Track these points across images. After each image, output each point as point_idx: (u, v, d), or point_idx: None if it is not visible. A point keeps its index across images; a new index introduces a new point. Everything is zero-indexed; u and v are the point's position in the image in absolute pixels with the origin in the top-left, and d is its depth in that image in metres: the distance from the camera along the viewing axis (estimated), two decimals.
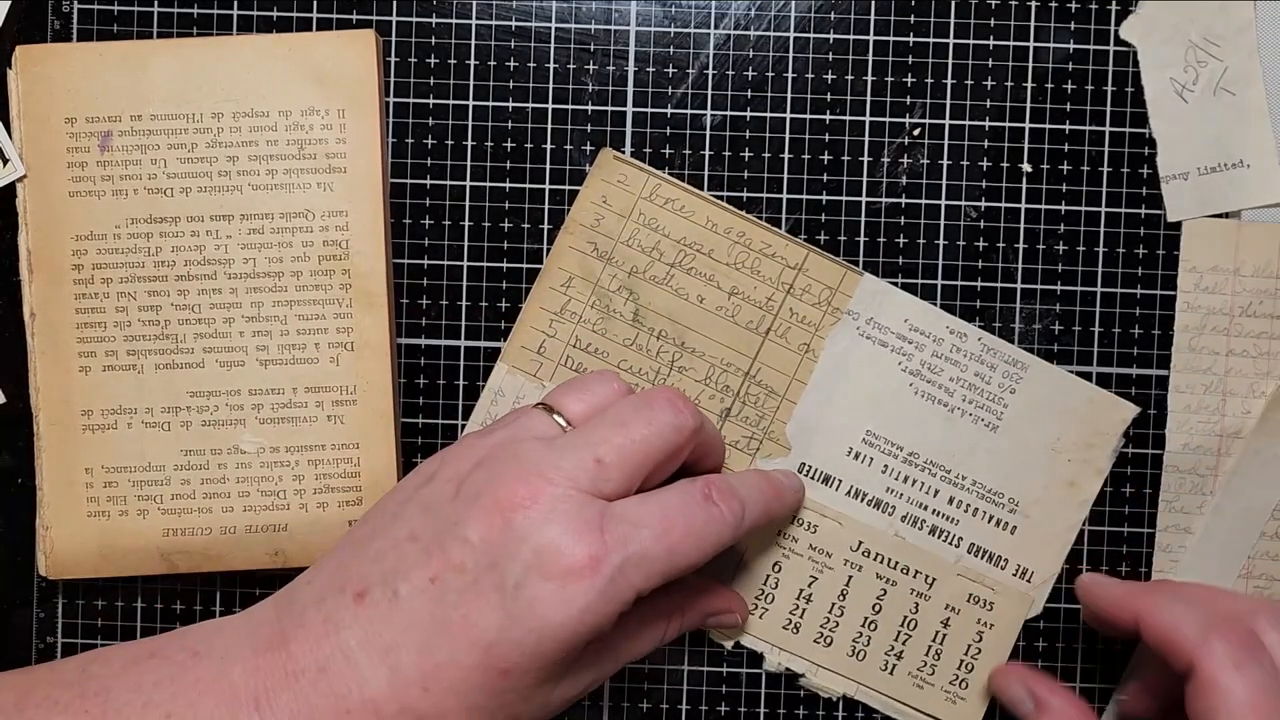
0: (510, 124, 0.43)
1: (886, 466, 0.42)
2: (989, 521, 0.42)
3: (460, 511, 0.32)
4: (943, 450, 0.42)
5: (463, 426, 0.43)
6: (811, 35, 0.43)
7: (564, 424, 0.34)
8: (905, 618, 0.42)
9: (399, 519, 0.33)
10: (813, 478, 0.42)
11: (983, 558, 0.42)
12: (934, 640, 0.42)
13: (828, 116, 0.43)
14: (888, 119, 0.43)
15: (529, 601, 0.30)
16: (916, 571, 0.42)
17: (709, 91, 0.43)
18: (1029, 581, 0.42)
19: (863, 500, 0.42)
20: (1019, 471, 0.42)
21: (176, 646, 0.33)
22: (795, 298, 0.42)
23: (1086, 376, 0.43)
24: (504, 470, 0.32)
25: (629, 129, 0.43)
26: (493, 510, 0.31)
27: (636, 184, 0.42)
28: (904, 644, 0.42)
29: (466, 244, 0.43)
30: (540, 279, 0.42)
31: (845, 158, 0.43)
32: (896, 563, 0.42)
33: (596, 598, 0.31)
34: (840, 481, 0.42)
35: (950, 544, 0.42)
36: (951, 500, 0.42)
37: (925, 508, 0.42)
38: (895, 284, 0.43)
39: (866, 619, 0.42)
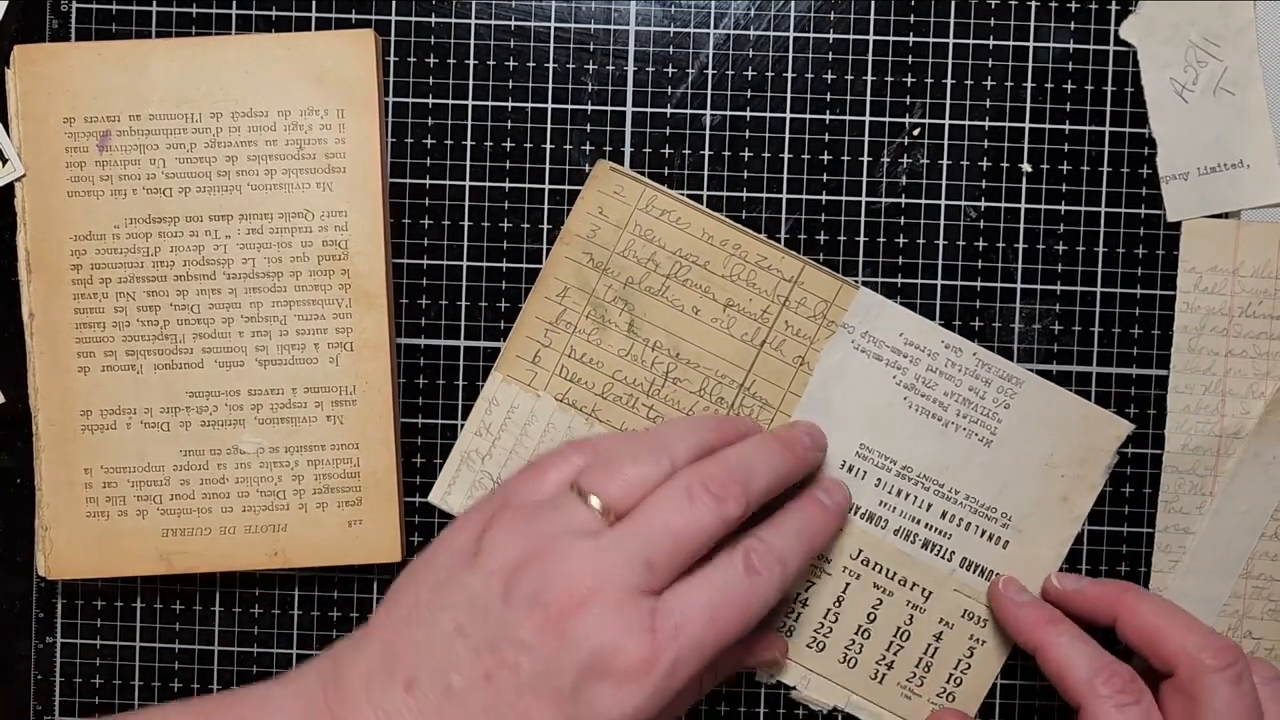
0: (510, 124, 0.43)
1: (880, 480, 0.42)
2: (982, 536, 0.42)
3: (513, 615, 0.32)
4: (936, 464, 0.42)
5: (461, 426, 0.43)
6: (811, 35, 0.43)
7: (603, 513, 0.34)
8: (899, 628, 0.42)
9: (443, 608, 0.33)
10: None
11: (975, 572, 0.42)
12: (925, 653, 0.42)
13: (828, 116, 0.43)
14: (888, 119, 0.43)
15: (587, 703, 0.31)
16: (914, 584, 0.42)
17: (709, 91, 0.43)
18: None
19: (856, 513, 0.42)
20: (1012, 486, 0.42)
21: (224, 717, 0.34)
22: (790, 310, 0.42)
23: (1086, 377, 0.43)
24: (554, 572, 0.32)
25: (629, 129, 0.43)
26: (546, 615, 0.32)
27: (633, 195, 0.42)
28: (895, 654, 0.42)
29: (466, 244, 0.43)
30: (535, 288, 0.42)
31: (845, 158, 0.43)
32: (894, 573, 0.42)
33: (652, 694, 0.32)
34: None
35: (943, 558, 0.42)
36: (944, 514, 0.42)
37: (918, 521, 0.42)
38: (895, 284, 0.43)
39: (860, 627, 0.42)
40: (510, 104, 0.43)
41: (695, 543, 0.34)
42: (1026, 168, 0.43)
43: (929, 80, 0.43)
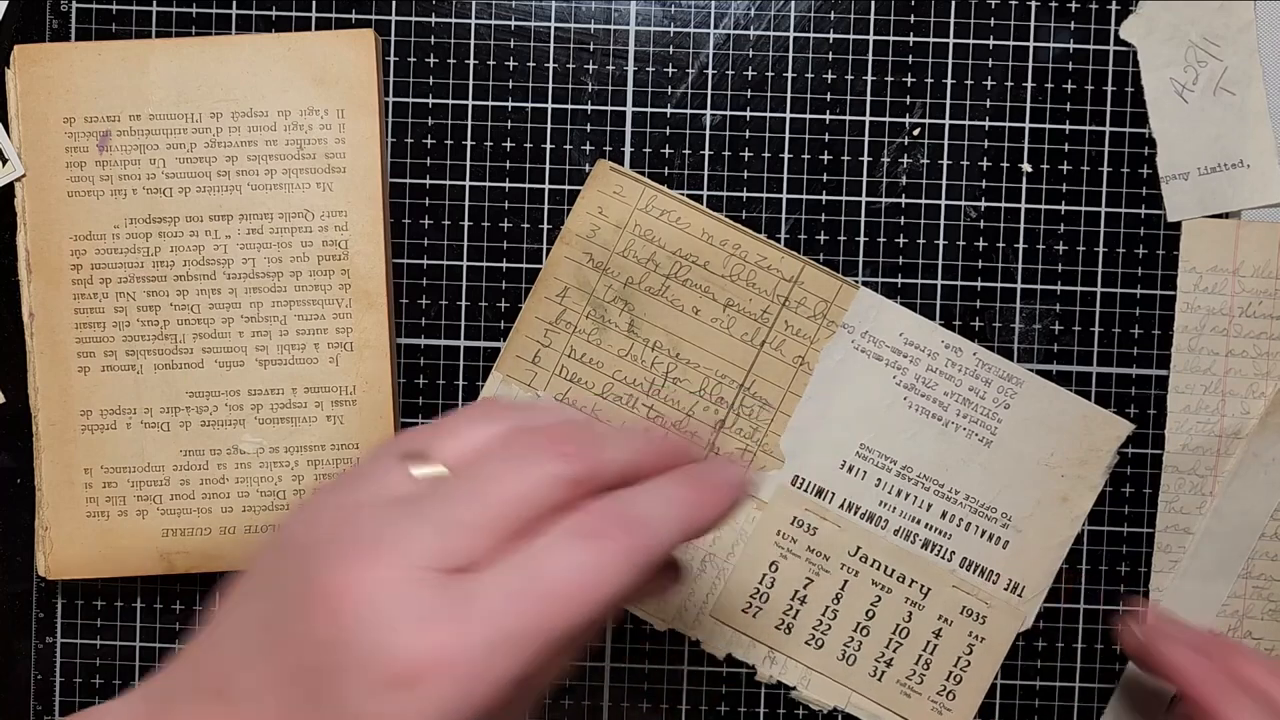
0: (510, 124, 0.43)
1: (880, 480, 0.42)
2: (981, 536, 0.42)
3: (296, 602, 0.26)
4: (936, 464, 0.42)
5: None
6: (811, 35, 0.43)
7: (429, 474, 0.28)
8: (898, 626, 0.42)
9: (249, 598, 0.28)
10: (806, 490, 0.42)
11: (974, 572, 0.42)
12: (925, 649, 0.42)
13: (828, 116, 0.43)
14: (888, 119, 0.43)
15: (374, 713, 0.24)
16: (912, 580, 0.42)
17: (709, 91, 0.43)
18: (1020, 596, 0.42)
19: (856, 513, 0.42)
20: (1012, 486, 0.42)
21: None
22: (790, 310, 0.42)
23: (1086, 377, 0.43)
24: (339, 551, 0.26)
25: (629, 129, 0.43)
26: (323, 602, 0.25)
27: (633, 195, 0.42)
28: (894, 651, 0.42)
29: (466, 244, 0.43)
30: (535, 288, 0.42)
31: (845, 158, 0.43)
32: (893, 570, 0.42)
33: (452, 705, 0.24)
34: (833, 495, 0.42)
35: (942, 558, 0.42)
36: (944, 514, 0.42)
37: (918, 521, 0.42)
38: (895, 284, 0.43)
39: (859, 624, 0.42)
40: (510, 104, 0.43)
41: (517, 506, 0.26)
42: (1026, 168, 0.43)
43: (929, 80, 0.43)
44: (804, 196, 0.43)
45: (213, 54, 0.41)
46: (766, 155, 0.43)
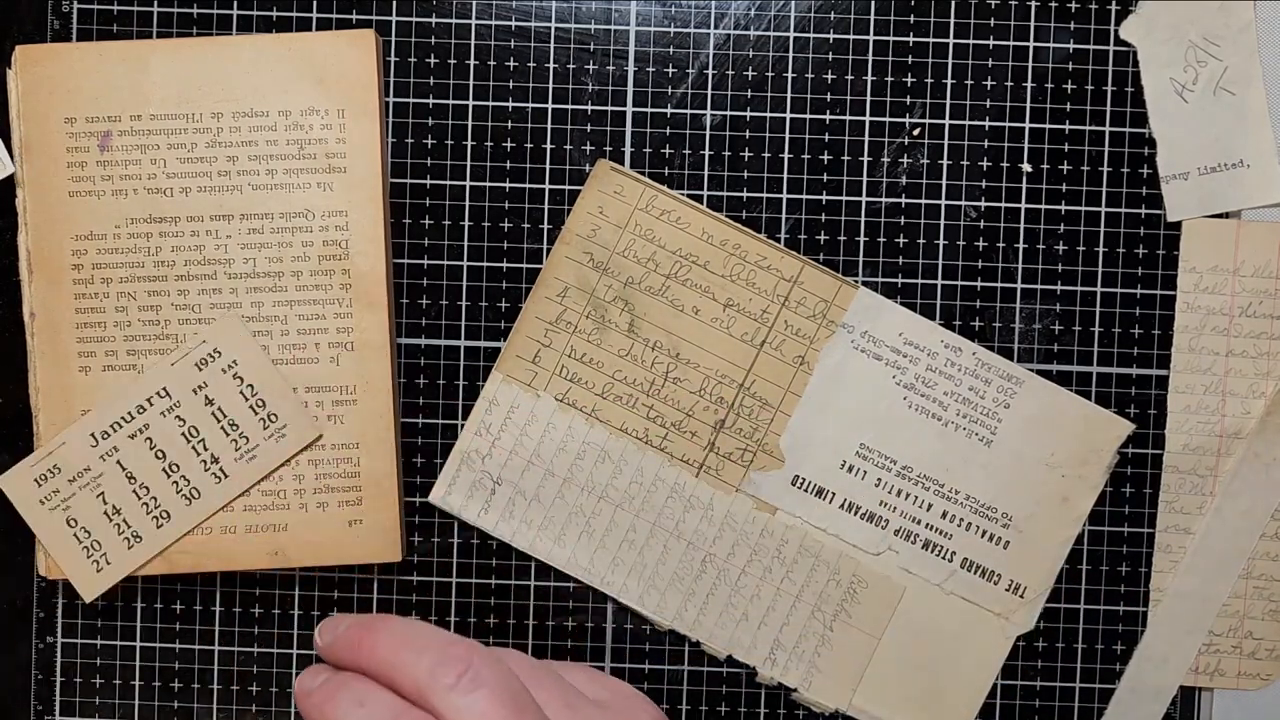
0: (510, 124, 0.43)
1: (880, 480, 0.42)
2: (982, 536, 0.42)
3: None
4: (936, 464, 0.42)
5: (461, 426, 0.43)
6: (811, 35, 0.43)
7: None
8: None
9: None
10: (806, 490, 0.42)
11: (975, 572, 0.42)
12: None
13: (828, 116, 0.43)
14: (888, 119, 0.43)
15: None
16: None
17: (709, 91, 0.43)
18: (1020, 596, 0.42)
19: (856, 514, 0.42)
20: (1012, 487, 0.42)
21: None
22: (790, 310, 0.42)
23: (1086, 377, 0.43)
24: None
25: (629, 129, 0.43)
26: None
27: (633, 195, 0.42)
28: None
29: (466, 244, 0.43)
30: (536, 288, 0.42)
31: (845, 158, 0.43)
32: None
33: None
34: (833, 495, 0.42)
35: (943, 559, 0.42)
36: (945, 515, 0.42)
37: (918, 522, 0.42)
38: (895, 284, 0.43)
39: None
40: (510, 104, 0.43)
41: None
42: (1026, 168, 0.43)
43: (929, 80, 0.43)
44: (804, 196, 0.43)
45: (213, 54, 0.41)
46: (766, 155, 0.43)
